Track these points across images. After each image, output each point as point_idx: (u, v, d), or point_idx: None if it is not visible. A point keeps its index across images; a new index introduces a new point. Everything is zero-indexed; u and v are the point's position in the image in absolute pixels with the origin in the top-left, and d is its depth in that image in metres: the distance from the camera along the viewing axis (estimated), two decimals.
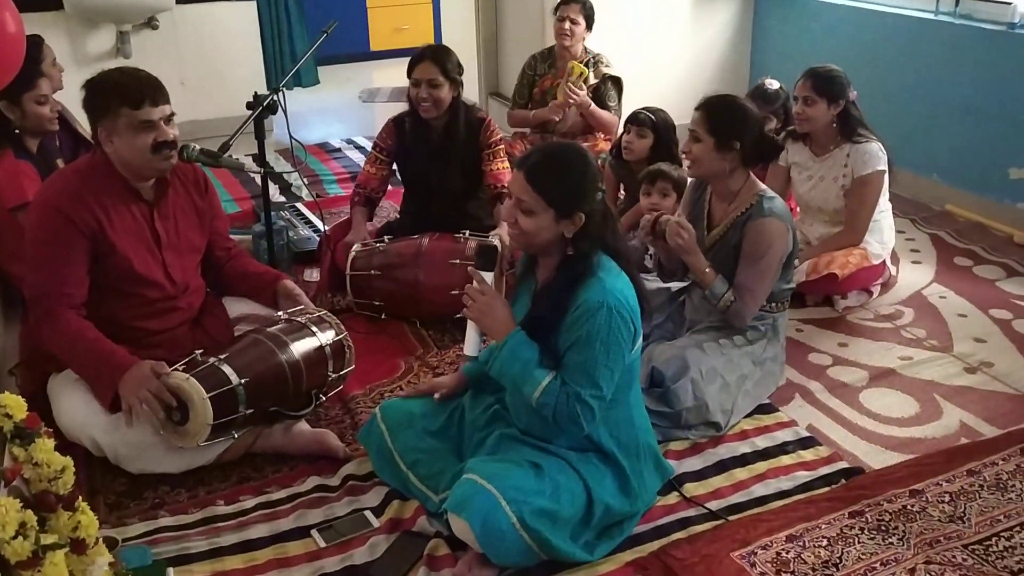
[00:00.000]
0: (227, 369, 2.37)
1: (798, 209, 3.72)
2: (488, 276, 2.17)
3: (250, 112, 3.14)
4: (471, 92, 6.09)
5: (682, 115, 4.98)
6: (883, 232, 3.49)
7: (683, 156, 2.80)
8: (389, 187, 3.74)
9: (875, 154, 3.36)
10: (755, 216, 2.73)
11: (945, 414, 2.75)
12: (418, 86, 3.36)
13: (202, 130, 5.28)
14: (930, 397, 2.84)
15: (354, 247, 3.34)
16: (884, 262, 3.50)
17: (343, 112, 6.50)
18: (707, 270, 2.75)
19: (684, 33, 5.35)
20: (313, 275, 3.65)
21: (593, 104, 4.44)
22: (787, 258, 2.80)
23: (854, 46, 4.74)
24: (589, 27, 4.52)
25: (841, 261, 3.29)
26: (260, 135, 3.20)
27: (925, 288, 3.57)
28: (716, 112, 2.75)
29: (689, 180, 3.04)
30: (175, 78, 5.34)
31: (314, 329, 2.65)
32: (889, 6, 4.62)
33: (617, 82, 4.57)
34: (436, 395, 2.42)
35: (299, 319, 2.68)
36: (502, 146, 3.58)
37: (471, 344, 2.20)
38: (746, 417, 2.73)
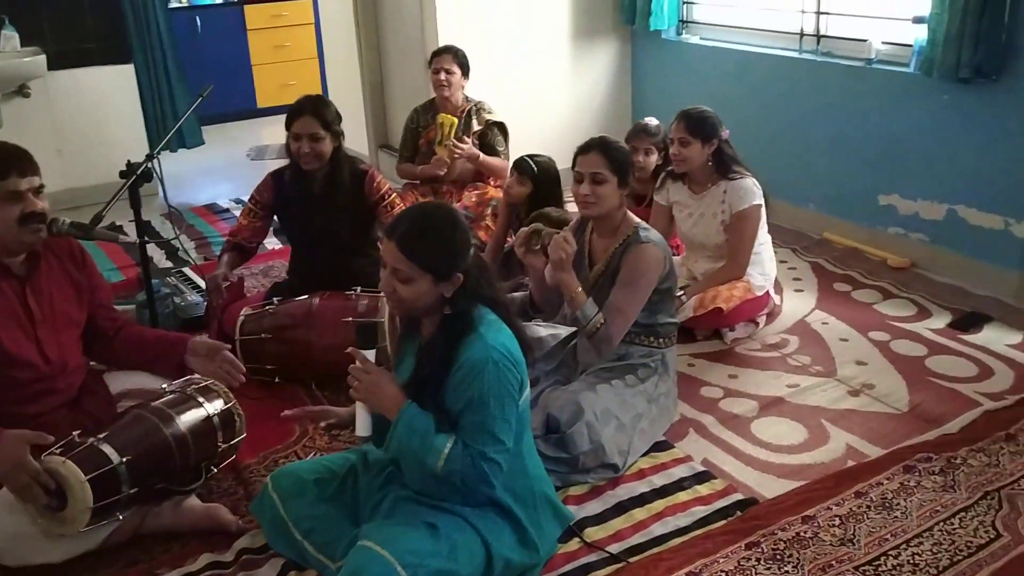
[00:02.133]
0: (107, 448, 2.28)
1: (684, 246, 3.83)
2: (370, 354, 2.15)
3: (123, 181, 3.06)
4: (360, 146, 6.10)
5: (570, 158, 5.17)
6: (764, 264, 3.61)
7: (583, 199, 2.83)
8: (280, 246, 3.69)
9: (750, 189, 3.49)
10: (633, 244, 2.82)
11: (832, 438, 2.84)
12: (299, 140, 3.32)
13: (84, 198, 5.14)
14: (817, 423, 2.93)
15: (243, 311, 3.28)
16: (768, 293, 3.61)
17: (231, 171, 6.41)
18: (578, 290, 2.79)
19: (565, 76, 5.47)
20: None
21: (482, 154, 4.51)
22: (666, 289, 2.88)
23: (728, 85, 4.92)
24: (465, 75, 4.59)
25: (725, 295, 3.38)
26: (136, 204, 3.12)
27: (808, 315, 3.70)
28: (613, 151, 2.83)
29: (571, 223, 3.09)
30: (51, 147, 5.20)
31: (201, 399, 2.57)
32: (756, 46, 4.82)
33: (502, 127, 4.65)
34: (323, 423, 2.35)
35: (185, 390, 2.60)
36: (395, 195, 3.57)
37: (362, 424, 2.16)
38: (643, 456, 2.76)
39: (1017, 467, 2.63)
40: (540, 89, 5.39)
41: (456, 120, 4.50)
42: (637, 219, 2.91)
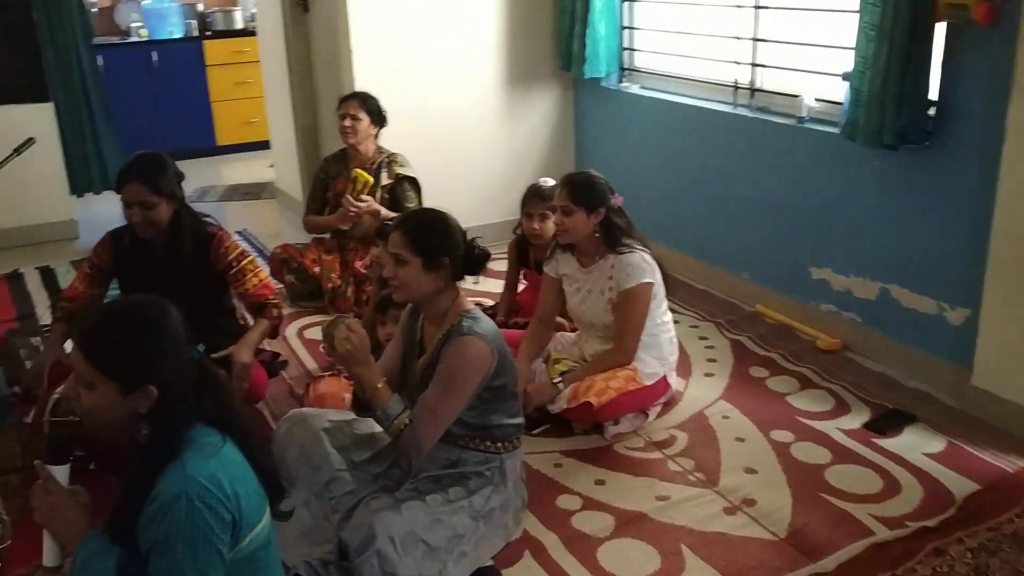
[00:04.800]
0: None
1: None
2: (60, 471, 1.81)
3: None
4: (295, 189, 5.79)
5: (510, 211, 4.79)
6: (662, 348, 3.20)
7: (390, 282, 2.49)
8: None
9: (638, 266, 3.09)
10: (454, 335, 2.44)
11: (687, 571, 2.41)
12: (130, 208, 3.00)
13: (3, 239, 4.98)
14: (676, 548, 2.50)
15: (57, 389, 2.94)
16: (663, 379, 3.20)
17: None
18: (380, 386, 2.38)
19: (501, 126, 5.09)
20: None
21: (384, 210, 4.18)
22: (500, 387, 2.49)
23: (667, 138, 4.54)
24: (377, 123, 4.28)
25: (600, 387, 2.97)
26: None
27: (710, 406, 3.27)
28: (418, 230, 2.47)
29: (407, 307, 2.72)
30: None
31: None
32: (694, 98, 4.42)
33: (413, 182, 4.33)
34: None
35: None
36: (248, 259, 3.22)
37: (49, 553, 1.82)
38: None
39: None
40: (473, 139, 5.03)
41: (371, 180, 4.18)
42: (470, 306, 2.53)
